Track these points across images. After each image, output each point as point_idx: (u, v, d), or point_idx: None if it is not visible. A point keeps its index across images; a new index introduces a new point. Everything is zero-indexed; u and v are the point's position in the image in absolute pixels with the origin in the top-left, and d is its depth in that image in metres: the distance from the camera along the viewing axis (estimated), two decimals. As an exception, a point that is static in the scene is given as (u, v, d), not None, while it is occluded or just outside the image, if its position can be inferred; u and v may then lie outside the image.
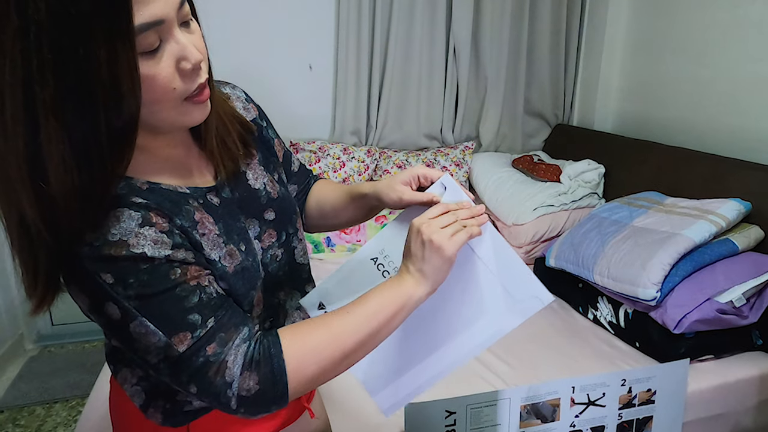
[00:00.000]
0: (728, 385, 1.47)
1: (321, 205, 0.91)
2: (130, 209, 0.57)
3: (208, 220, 0.66)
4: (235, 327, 0.61)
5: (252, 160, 0.76)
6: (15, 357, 2.35)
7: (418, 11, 2.42)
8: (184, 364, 0.58)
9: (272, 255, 0.75)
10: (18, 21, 0.47)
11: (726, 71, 2.00)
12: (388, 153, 2.50)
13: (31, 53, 0.48)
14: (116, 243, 0.55)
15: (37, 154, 0.51)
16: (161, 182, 0.64)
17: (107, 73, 0.50)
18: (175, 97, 0.57)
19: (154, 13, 0.52)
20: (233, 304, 0.64)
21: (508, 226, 2.25)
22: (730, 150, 1.94)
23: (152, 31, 0.52)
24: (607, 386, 1.18)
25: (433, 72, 2.54)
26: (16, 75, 0.49)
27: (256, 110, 0.82)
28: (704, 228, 1.60)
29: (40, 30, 0.47)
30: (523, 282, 0.69)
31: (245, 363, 0.60)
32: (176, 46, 0.55)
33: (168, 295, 0.58)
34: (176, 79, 0.56)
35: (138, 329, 0.57)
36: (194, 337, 0.58)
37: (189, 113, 0.60)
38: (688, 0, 2.13)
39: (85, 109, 0.51)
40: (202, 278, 0.61)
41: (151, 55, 0.53)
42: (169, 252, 0.58)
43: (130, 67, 0.51)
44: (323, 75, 2.50)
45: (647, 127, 2.37)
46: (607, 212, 1.91)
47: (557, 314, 1.83)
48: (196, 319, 0.59)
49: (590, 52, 2.65)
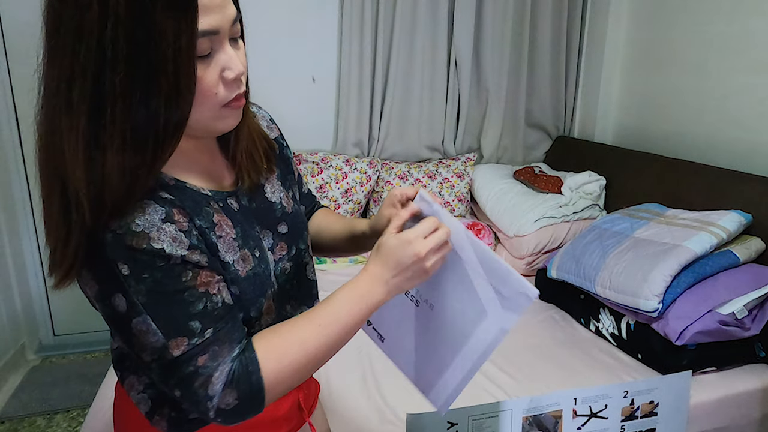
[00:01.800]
0: (731, 398, 1.47)
1: (320, 234, 0.94)
2: (156, 203, 0.60)
3: (226, 223, 0.68)
4: (230, 344, 0.63)
5: (271, 175, 0.80)
6: (16, 367, 2.35)
7: (420, 24, 2.45)
8: (175, 369, 0.60)
9: (282, 268, 0.77)
10: (98, 11, 0.52)
11: (725, 84, 2.01)
12: (390, 164, 2.51)
13: (107, 42, 0.52)
14: (139, 234, 0.57)
15: (97, 133, 0.55)
16: (187, 181, 0.67)
17: (172, 69, 0.54)
18: (216, 102, 0.61)
19: (212, 23, 0.57)
20: (234, 317, 0.66)
21: (509, 238, 2.25)
22: (729, 162, 1.95)
23: (207, 39, 0.58)
24: (610, 398, 1.17)
25: (435, 84, 2.56)
26: (90, 59, 0.53)
27: (278, 131, 0.87)
28: (705, 239, 1.60)
29: (117, 21, 0.52)
30: (509, 280, 0.72)
31: (227, 381, 0.62)
32: (224, 56, 0.60)
33: (176, 297, 0.60)
34: (219, 85, 0.61)
35: (140, 326, 0.59)
36: (190, 344, 0.60)
37: (224, 118, 0.64)
38: (687, 13, 2.16)
39: (150, 99, 0.55)
40: (212, 285, 0.63)
41: (202, 59, 0.58)
42: (185, 252, 0.60)
43: (190, 67, 0.56)
44: (326, 87, 2.52)
45: (647, 139, 2.38)
46: (609, 224, 1.92)
47: (559, 326, 1.83)
48: (197, 326, 0.60)
49: (590, 64, 2.67)
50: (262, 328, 0.72)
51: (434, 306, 0.78)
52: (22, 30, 2.20)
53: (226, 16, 0.59)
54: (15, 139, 2.29)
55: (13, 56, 2.22)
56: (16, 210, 2.36)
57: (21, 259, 2.40)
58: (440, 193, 2.48)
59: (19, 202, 2.36)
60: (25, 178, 2.35)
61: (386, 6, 2.40)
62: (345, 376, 1.45)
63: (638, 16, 2.43)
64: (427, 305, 0.79)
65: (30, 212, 2.38)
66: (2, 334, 2.26)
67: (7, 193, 2.31)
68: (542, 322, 1.86)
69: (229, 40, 0.61)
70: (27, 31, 2.19)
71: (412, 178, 2.47)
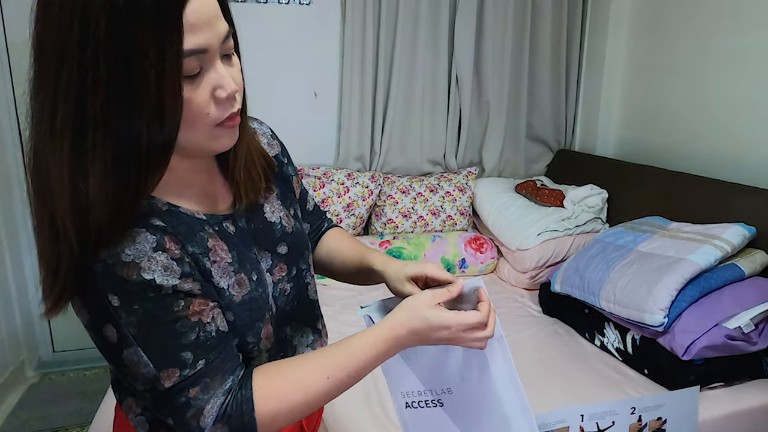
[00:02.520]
0: (740, 414, 1.44)
1: (331, 256, 0.92)
2: (147, 231, 0.59)
3: (221, 248, 0.66)
4: (222, 375, 0.62)
5: (271, 194, 0.78)
6: (15, 384, 2.33)
7: (421, 39, 2.47)
8: (167, 400, 0.59)
9: (281, 289, 0.75)
10: (79, 34, 0.50)
11: (725, 97, 2.02)
12: (391, 178, 2.51)
13: (88, 65, 0.51)
14: (129, 264, 0.56)
15: (80, 159, 0.54)
16: (180, 205, 0.65)
17: (154, 91, 0.53)
18: (208, 122, 0.59)
19: (199, 42, 0.55)
20: (228, 347, 0.64)
21: (512, 251, 2.24)
22: (732, 175, 1.95)
23: (195, 58, 0.55)
24: (617, 414, 1.16)
25: (436, 98, 2.57)
26: (72, 83, 0.52)
27: (279, 147, 0.84)
28: (710, 253, 1.59)
29: (98, 45, 0.50)
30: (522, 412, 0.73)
31: (218, 416, 0.61)
32: (215, 75, 0.58)
33: (168, 328, 0.59)
34: (211, 105, 0.59)
35: (131, 357, 0.58)
36: (182, 376, 0.59)
37: (218, 138, 0.62)
38: (687, 27, 2.17)
39: (132, 123, 0.53)
40: (205, 314, 0.62)
41: (191, 79, 0.56)
42: (177, 282, 0.59)
43: (175, 88, 0.54)
44: (328, 102, 2.53)
45: (649, 153, 2.38)
46: (612, 237, 1.91)
47: (563, 340, 1.81)
48: (189, 357, 0.59)
49: (591, 78, 2.68)
50: (261, 354, 0.71)
51: (452, 388, 0.78)
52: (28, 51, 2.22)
53: (216, 33, 0.57)
54: (18, 157, 2.30)
55: (18, 77, 2.24)
56: (17, 226, 2.35)
57: (22, 276, 2.39)
58: (442, 207, 2.47)
59: (20, 218, 2.36)
60: (28, 197, 2.35)
61: (387, 21, 2.42)
62: (349, 396, 1.43)
63: (637, 29, 2.44)
64: (447, 394, 0.78)
65: (32, 230, 2.38)
66: (2, 351, 2.25)
67: (9, 210, 2.32)
68: (547, 336, 1.84)
69: (221, 57, 0.59)
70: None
71: (413, 192, 2.47)
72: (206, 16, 0.55)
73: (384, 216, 2.44)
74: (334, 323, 1.83)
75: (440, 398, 0.78)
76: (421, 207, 2.45)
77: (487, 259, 2.35)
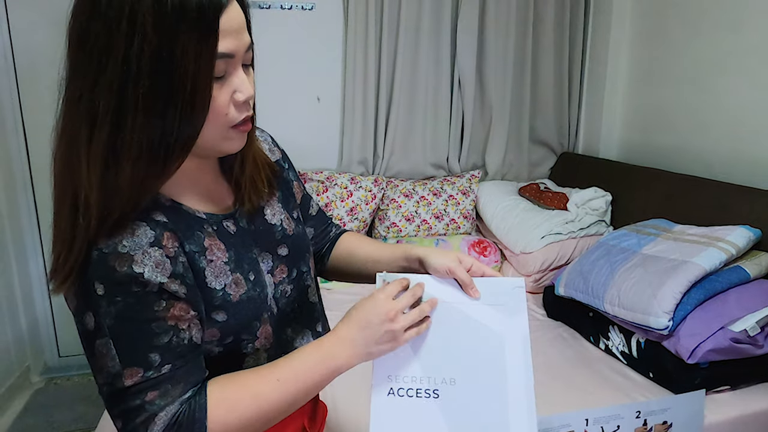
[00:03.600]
0: (746, 417, 1.43)
1: (351, 257, 0.91)
2: (148, 225, 0.61)
3: (217, 247, 0.68)
4: (184, 385, 0.62)
5: (272, 198, 0.80)
6: (21, 390, 2.34)
7: (424, 43, 2.47)
8: (122, 398, 0.60)
9: (282, 290, 0.76)
10: (126, 29, 0.55)
11: (727, 98, 2.01)
12: (395, 182, 2.52)
13: (132, 57, 0.55)
14: (123, 255, 0.58)
15: (115, 143, 0.58)
16: (183, 203, 0.68)
17: (190, 86, 0.57)
18: (225, 122, 0.63)
19: (229, 47, 0.60)
20: (197, 359, 0.64)
21: (516, 255, 2.24)
22: (736, 176, 1.94)
23: (223, 61, 0.60)
24: (622, 418, 1.15)
25: (439, 102, 2.57)
26: (116, 73, 0.56)
27: (279, 153, 0.87)
28: (714, 255, 1.59)
29: (144, 39, 0.55)
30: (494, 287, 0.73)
31: (169, 424, 0.60)
32: (236, 80, 0.63)
33: (143, 327, 0.60)
34: (231, 107, 0.63)
35: (101, 348, 0.59)
36: (144, 377, 0.59)
37: (230, 139, 0.66)
38: (689, 28, 2.17)
39: (167, 113, 0.58)
40: (182, 320, 0.62)
41: (218, 80, 0.61)
42: (165, 280, 0.60)
43: (207, 85, 0.59)
44: (331, 106, 2.54)
45: (652, 155, 2.37)
46: (616, 240, 1.90)
47: (568, 344, 1.81)
48: (155, 360, 0.60)
49: (593, 80, 2.68)
50: (259, 353, 0.72)
51: (456, 378, 0.73)
52: (33, 55, 2.24)
53: (242, 42, 0.62)
54: (23, 162, 2.31)
55: (24, 82, 2.26)
56: (23, 232, 2.37)
57: (27, 281, 2.40)
58: (445, 211, 2.47)
59: (26, 224, 2.37)
60: (33, 202, 2.37)
61: (390, 25, 2.43)
62: (352, 400, 1.43)
63: (640, 31, 2.44)
64: (448, 384, 0.73)
65: (37, 235, 2.40)
66: (8, 356, 2.26)
67: (15, 215, 2.33)
68: (551, 340, 1.83)
69: (243, 65, 0.64)
70: (37, 51, 2.23)
71: (417, 196, 2.47)
72: (237, 24, 0.61)
73: (387, 220, 2.44)
74: (338, 327, 1.83)
75: (438, 388, 0.73)
76: (424, 210, 2.45)
77: (490, 263, 2.34)
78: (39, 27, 2.20)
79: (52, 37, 2.17)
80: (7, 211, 2.26)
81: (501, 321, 0.74)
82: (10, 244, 2.29)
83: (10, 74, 2.23)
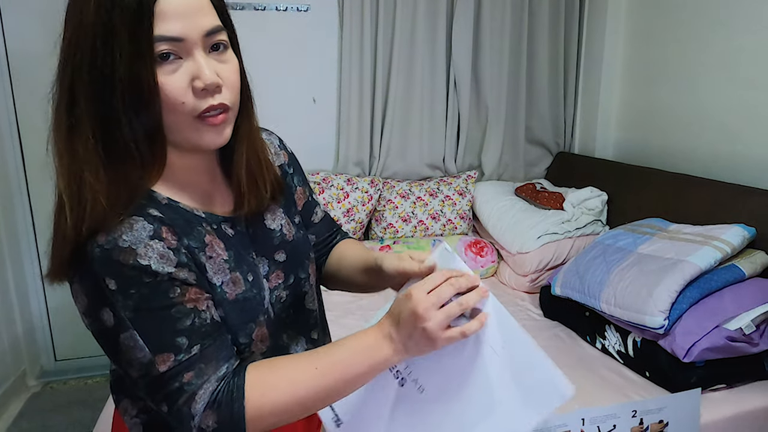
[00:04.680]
0: (742, 416, 1.44)
1: (340, 265, 0.89)
2: (145, 220, 0.61)
3: (218, 245, 0.68)
4: (216, 362, 0.62)
5: (274, 203, 0.78)
6: (17, 394, 2.33)
7: (419, 43, 2.47)
8: (161, 384, 0.60)
9: (277, 296, 0.75)
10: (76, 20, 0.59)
11: (721, 98, 2.02)
12: (391, 183, 2.52)
13: (77, 47, 0.58)
14: (125, 250, 0.58)
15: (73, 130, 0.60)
16: (180, 201, 0.67)
17: (125, 70, 0.57)
18: (186, 111, 0.61)
19: (172, 30, 0.59)
20: (223, 336, 0.65)
21: (512, 255, 2.24)
22: (731, 176, 1.95)
23: (167, 44, 0.59)
24: (618, 418, 1.15)
25: (435, 102, 2.58)
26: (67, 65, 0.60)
27: (286, 157, 0.85)
28: (709, 254, 1.59)
29: (82, 28, 0.58)
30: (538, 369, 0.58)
31: (209, 402, 0.61)
32: (193, 65, 0.60)
33: (163, 313, 0.60)
34: (188, 94, 0.61)
35: (127, 341, 0.59)
36: (176, 360, 0.60)
37: (201, 133, 0.63)
38: (683, 29, 2.18)
39: (112, 103, 0.58)
40: (200, 302, 0.63)
41: (165, 65, 0.59)
42: (173, 270, 0.60)
43: (147, 71, 0.58)
44: (327, 107, 2.54)
45: (648, 154, 2.38)
46: (612, 239, 1.91)
47: (565, 343, 1.81)
48: (183, 342, 0.60)
49: (589, 80, 2.69)
50: (255, 357, 0.71)
51: (425, 390, 0.67)
52: (27, 57, 2.23)
53: (196, 25, 0.60)
54: (18, 165, 2.30)
55: (18, 87, 2.25)
56: (18, 235, 2.36)
57: (23, 285, 2.39)
58: (442, 211, 2.47)
59: (21, 227, 2.36)
60: (29, 205, 2.36)
61: (385, 26, 2.43)
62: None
63: (635, 30, 2.45)
64: (415, 386, 0.68)
65: (33, 239, 2.39)
66: (3, 360, 2.25)
67: (10, 218, 2.32)
68: (547, 340, 1.84)
69: (208, 50, 0.62)
70: (31, 53, 2.22)
71: (413, 197, 2.47)
72: (182, 7, 0.59)
73: (384, 221, 2.44)
74: (337, 328, 1.81)
75: (406, 380, 0.70)
76: (421, 211, 2.45)
77: (487, 263, 2.35)
78: (33, 30, 2.19)
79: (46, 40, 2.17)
80: (2, 214, 2.26)
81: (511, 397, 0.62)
82: (5, 247, 2.28)
83: (4, 76, 2.23)
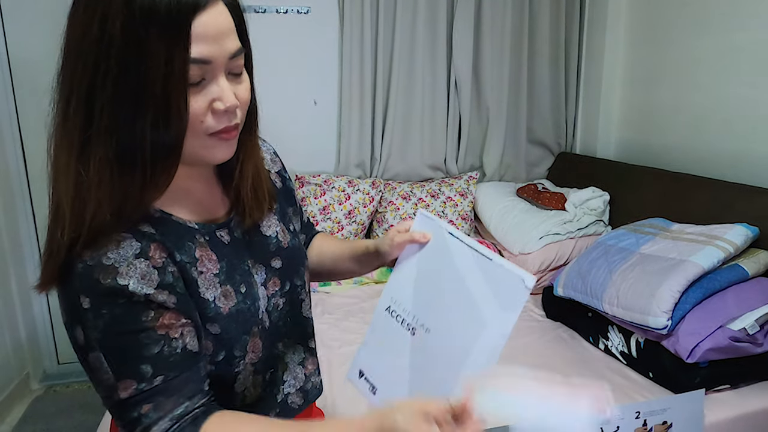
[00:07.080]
0: (747, 416, 1.43)
1: (322, 255, 0.94)
2: (134, 237, 0.60)
3: (208, 258, 0.66)
4: (177, 397, 0.61)
5: (270, 211, 0.79)
6: (20, 397, 2.33)
7: (420, 45, 2.47)
8: (122, 410, 0.60)
9: (274, 303, 0.75)
10: (97, 32, 0.55)
11: (725, 97, 2.01)
12: (392, 184, 2.52)
13: (101, 61, 0.55)
14: (107, 268, 0.57)
15: (86, 145, 0.57)
16: (173, 213, 0.66)
17: (160, 93, 0.56)
18: (201, 130, 0.61)
19: (203, 53, 0.58)
20: (193, 368, 0.63)
21: (514, 256, 2.24)
22: (733, 175, 1.94)
23: (197, 67, 0.58)
24: (621, 419, 1.15)
25: (436, 104, 2.57)
26: (86, 75, 0.56)
27: (280, 164, 0.88)
28: (712, 254, 1.59)
29: (110, 43, 0.55)
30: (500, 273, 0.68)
31: None
32: (216, 88, 0.60)
33: (131, 338, 0.59)
34: (208, 115, 0.61)
35: (94, 362, 0.59)
36: (137, 389, 0.59)
37: (211, 148, 0.63)
38: (683, 28, 2.17)
39: (136, 121, 0.56)
40: (173, 329, 0.61)
41: (193, 87, 0.59)
42: (152, 291, 0.59)
43: (180, 92, 0.57)
44: (328, 110, 2.54)
45: (650, 154, 2.37)
46: (614, 239, 1.90)
47: (567, 344, 1.81)
48: (147, 371, 0.59)
49: (590, 80, 2.68)
50: (246, 367, 0.70)
51: (431, 329, 0.74)
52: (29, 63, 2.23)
53: (223, 49, 0.59)
54: (21, 170, 2.31)
55: (21, 92, 2.25)
56: (20, 239, 2.36)
57: (25, 289, 2.39)
58: (443, 212, 2.47)
59: (24, 231, 2.37)
60: (31, 210, 2.36)
61: (386, 28, 2.43)
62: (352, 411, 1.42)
63: (636, 30, 2.44)
64: (423, 330, 0.75)
65: (35, 243, 2.39)
66: (7, 364, 2.25)
67: (12, 222, 2.32)
68: (550, 341, 1.83)
69: (228, 74, 0.61)
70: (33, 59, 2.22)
71: (414, 198, 2.47)
72: (214, 30, 0.58)
73: (385, 222, 2.44)
74: (337, 331, 1.83)
75: (416, 328, 0.75)
76: (422, 213, 2.45)
77: (489, 264, 2.34)
78: (35, 35, 2.20)
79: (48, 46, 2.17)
80: (4, 219, 2.26)
81: (491, 307, 0.70)
82: (8, 251, 2.28)
83: (6, 82, 2.23)
